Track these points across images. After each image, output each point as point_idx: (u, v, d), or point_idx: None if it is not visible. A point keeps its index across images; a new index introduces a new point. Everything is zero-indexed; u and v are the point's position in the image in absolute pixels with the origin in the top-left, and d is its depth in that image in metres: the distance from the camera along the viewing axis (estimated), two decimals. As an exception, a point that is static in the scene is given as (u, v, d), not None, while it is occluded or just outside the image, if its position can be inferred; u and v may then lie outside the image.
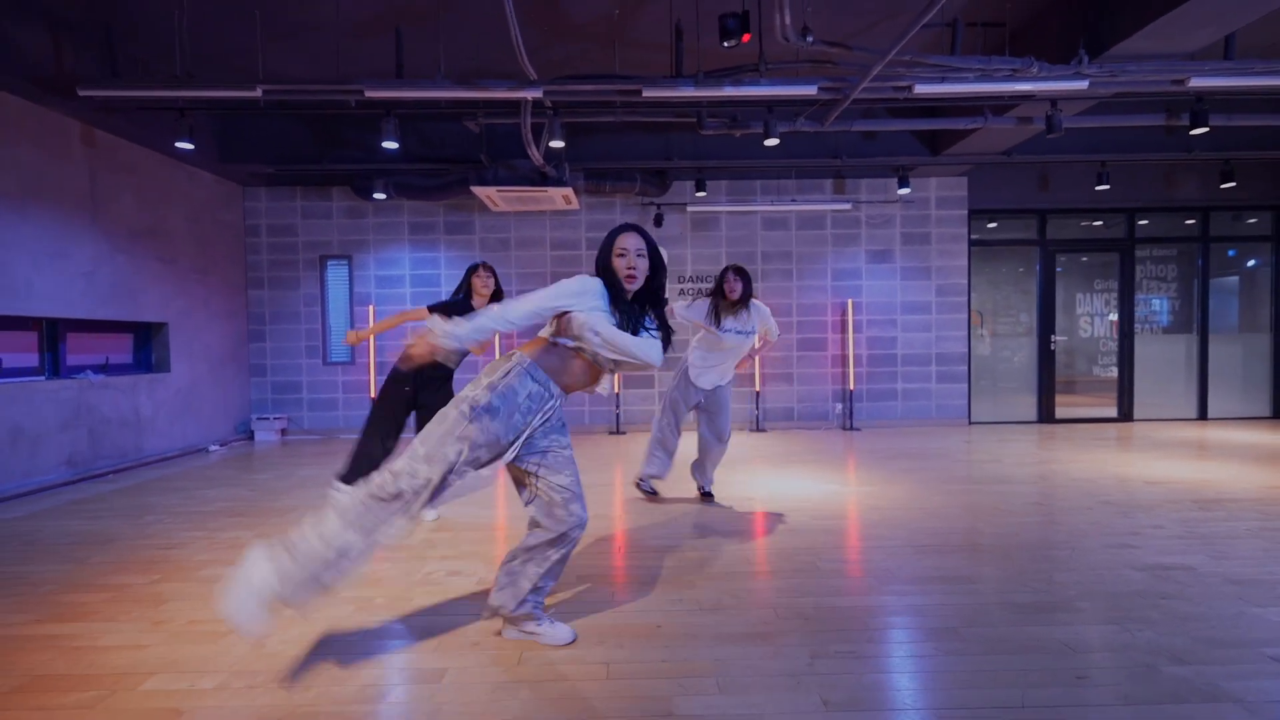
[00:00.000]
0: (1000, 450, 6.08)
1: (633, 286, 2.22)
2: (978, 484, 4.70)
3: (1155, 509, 3.93)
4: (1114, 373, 8.23)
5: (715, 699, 1.93)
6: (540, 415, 2.15)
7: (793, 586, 2.80)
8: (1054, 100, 4.99)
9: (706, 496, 4.29)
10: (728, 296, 3.91)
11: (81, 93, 4.52)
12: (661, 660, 2.16)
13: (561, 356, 2.20)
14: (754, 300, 3.99)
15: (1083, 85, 4.50)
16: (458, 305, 3.67)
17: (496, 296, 3.80)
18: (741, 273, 3.95)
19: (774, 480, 4.90)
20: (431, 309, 3.69)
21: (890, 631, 2.36)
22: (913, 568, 3.00)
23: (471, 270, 3.80)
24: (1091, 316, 8.29)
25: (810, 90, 4.56)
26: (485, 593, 2.75)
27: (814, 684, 2.00)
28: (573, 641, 2.27)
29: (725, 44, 3.63)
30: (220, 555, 3.31)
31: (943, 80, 4.52)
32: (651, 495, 4.33)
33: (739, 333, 3.94)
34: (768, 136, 5.00)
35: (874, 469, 5.29)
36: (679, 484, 4.73)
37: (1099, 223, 8.28)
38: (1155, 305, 8.29)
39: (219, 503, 4.45)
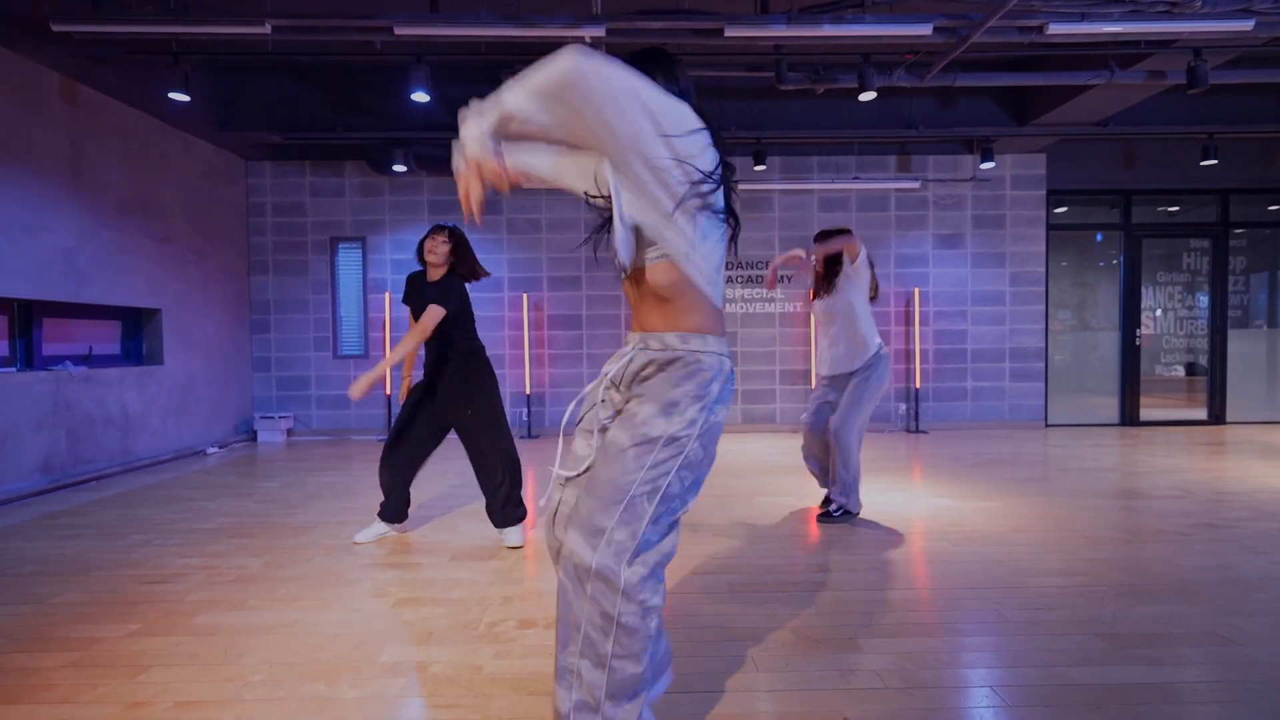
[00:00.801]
0: (1103, 456, 5.36)
1: None
2: (1118, 499, 3.98)
3: (1364, 533, 3.21)
4: (1180, 371, 7.56)
5: None
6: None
7: (993, 648, 2.08)
8: (1198, 49, 4.26)
9: (824, 512, 3.54)
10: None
11: (56, 28, 3.78)
12: (887, 787, 1.44)
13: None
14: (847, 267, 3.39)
15: (1248, 25, 3.77)
16: (414, 283, 3.15)
17: (460, 266, 3.08)
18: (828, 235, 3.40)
19: (866, 492, 4.17)
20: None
21: (1188, 731, 1.64)
22: (1132, 620, 2.28)
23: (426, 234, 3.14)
24: (1152, 311, 7.59)
25: (924, 30, 3.83)
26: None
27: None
28: None
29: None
30: (221, 594, 2.58)
31: (1083, 19, 3.80)
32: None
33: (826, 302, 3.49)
34: (863, 90, 4.28)
35: (975, 480, 4.57)
36: (753, 497, 4.01)
37: (1174, 209, 7.58)
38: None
39: (220, 518, 3.72)
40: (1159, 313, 7.51)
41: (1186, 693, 1.81)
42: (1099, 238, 7.57)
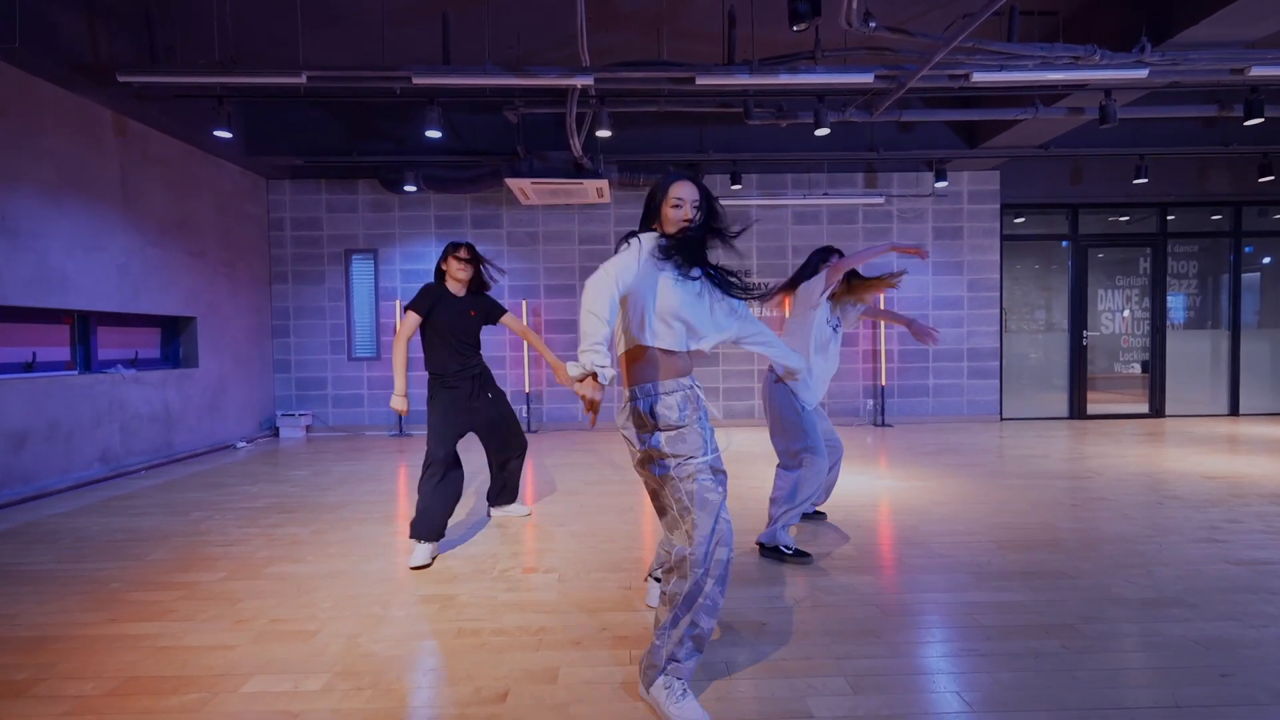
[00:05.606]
0: (1043, 445, 6.02)
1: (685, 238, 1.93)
2: (1033, 479, 4.62)
3: (1226, 504, 3.86)
4: (1136, 369, 8.20)
5: (851, 700, 1.85)
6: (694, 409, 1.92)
7: (888, 583, 2.72)
8: (1108, 90, 4.91)
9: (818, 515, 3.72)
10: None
11: (121, 79, 4.40)
12: (781, 658, 2.08)
13: (650, 359, 1.90)
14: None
15: (1143, 74, 4.42)
16: (429, 292, 3.37)
17: (477, 286, 3.42)
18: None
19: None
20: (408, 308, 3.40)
21: (1006, 628, 2.28)
22: (1002, 563, 2.92)
23: (449, 249, 3.34)
24: (1113, 313, 8.24)
25: (867, 78, 4.47)
26: (565, 586, 2.66)
27: (949, 683, 1.92)
28: None
29: (795, 28, 3.54)
30: (282, 552, 3.21)
31: (1001, 68, 4.44)
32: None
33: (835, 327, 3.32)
34: (818, 126, 4.92)
35: (922, 465, 5.22)
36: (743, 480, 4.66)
37: (1125, 218, 8.23)
38: (1172, 302, 8.23)
39: (264, 499, 4.35)
40: (1126, 313, 8.12)
41: (1018, 608, 2.45)
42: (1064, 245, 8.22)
